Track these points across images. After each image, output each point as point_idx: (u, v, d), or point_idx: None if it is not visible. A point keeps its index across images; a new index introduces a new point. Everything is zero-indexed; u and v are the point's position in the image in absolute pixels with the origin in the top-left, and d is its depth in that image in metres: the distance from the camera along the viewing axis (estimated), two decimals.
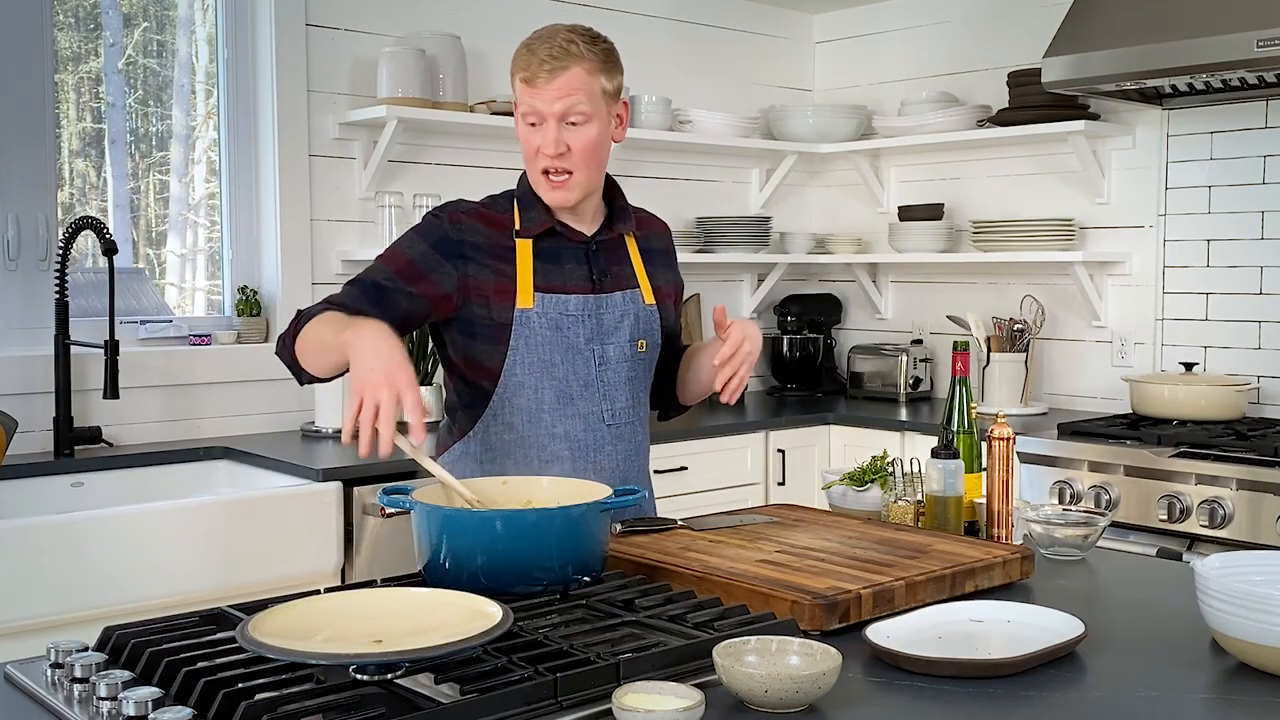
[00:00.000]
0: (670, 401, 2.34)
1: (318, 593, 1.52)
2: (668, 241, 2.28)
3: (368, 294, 2.00)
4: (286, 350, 2.01)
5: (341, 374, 1.93)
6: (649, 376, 2.20)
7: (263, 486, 2.99)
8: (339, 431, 3.39)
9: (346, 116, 3.61)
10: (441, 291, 2.03)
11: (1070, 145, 3.96)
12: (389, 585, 1.64)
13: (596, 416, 2.09)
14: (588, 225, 2.13)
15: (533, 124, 2.02)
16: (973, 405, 2.16)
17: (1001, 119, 4.05)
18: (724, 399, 2.01)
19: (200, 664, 1.34)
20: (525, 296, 2.03)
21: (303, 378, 2.02)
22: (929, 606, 1.62)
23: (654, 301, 2.17)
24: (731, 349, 1.98)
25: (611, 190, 2.18)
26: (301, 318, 1.98)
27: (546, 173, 2.03)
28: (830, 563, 1.74)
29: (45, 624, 2.46)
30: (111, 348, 2.98)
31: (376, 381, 1.68)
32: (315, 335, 1.92)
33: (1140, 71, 3.35)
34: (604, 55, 2.04)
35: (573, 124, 2.00)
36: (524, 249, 2.06)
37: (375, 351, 1.73)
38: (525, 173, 2.12)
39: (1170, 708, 1.34)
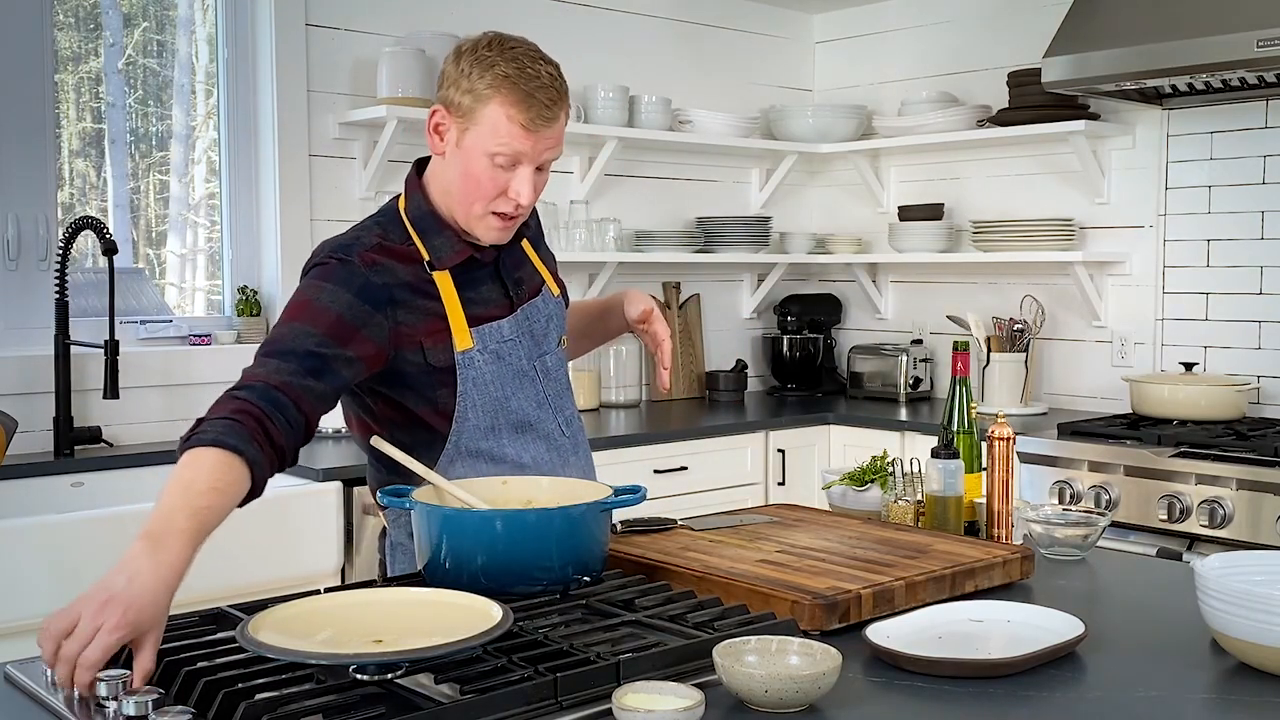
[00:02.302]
0: None
1: (318, 593, 1.51)
2: (538, 219, 2.11)
3: (308, 368, 1.69)
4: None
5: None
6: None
7: None
8: (338, 431, 3.39)
9: (346, 116, 3.61)
10: (375, 348, 1.76)
11: (1070, 145, 3.95)
12: (389, 585, 1.63)
13: (557, 432, 1.97)
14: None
15: (503, 165, 1.78)
16: (973, 405, 2.15)
17: (1001, 119, 4.05)
18: (665, 388, 2.02)
19: (200, 664, 1.33)
20: (462, 337, 1.83)
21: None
22: (929, 606, 1.62)
23: (559, 292, 2.06)
24: (666, 352, 2.02)
25: None
26: (199, 426, 1.59)
27: (501, 215, 1.82)
28: (830, 563, 1.74)
29: None
30: (111, 348, 2.98)
31: (111, 608, 1.33)
32: (174, 481, 1.53)
33: (1140, 71, 3.34)
34: (568, 95, 1.86)
35: (539, 170, 1.82)
36: (445, 282, 1.84)
37: (130, 577, 1.38)
38: (412, 197, 1.88)
39: (1170, 708, 1.34)
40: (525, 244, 2.02)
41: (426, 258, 1.84)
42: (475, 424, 1.87)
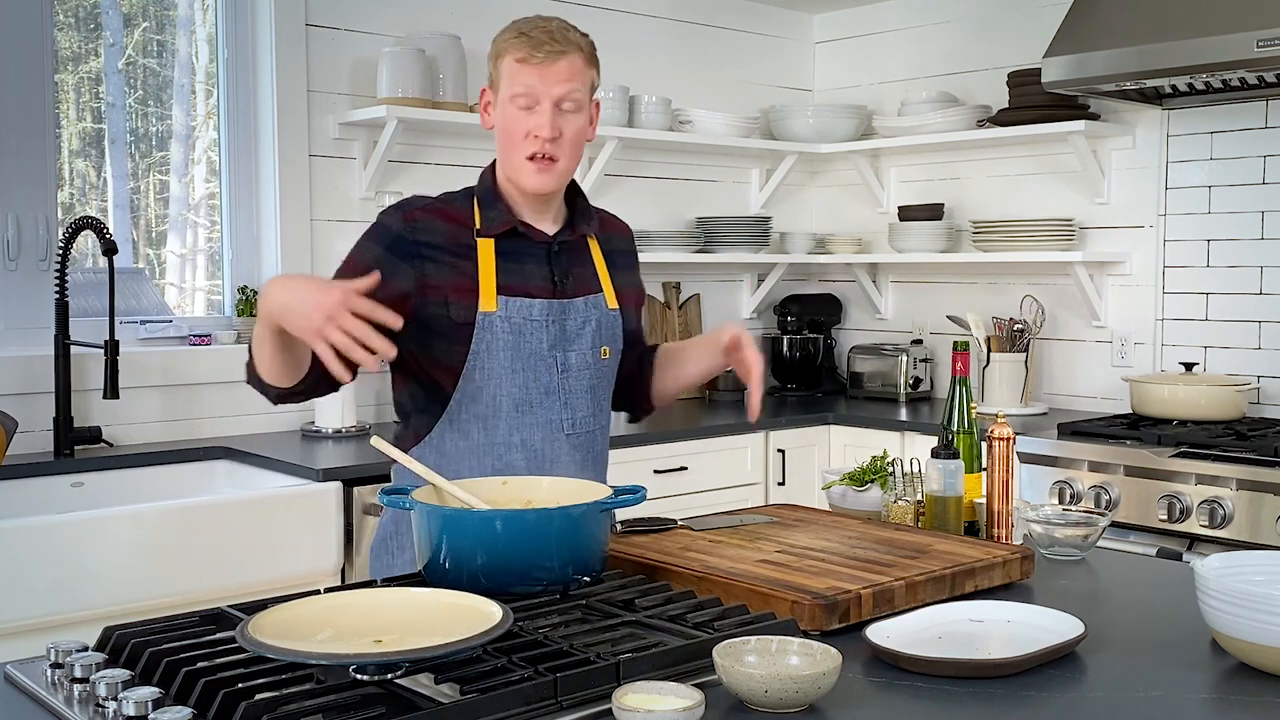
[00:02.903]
0: (640, 403, 2.26)
1: (318, 593, 1.51)
2: (630, 244, 2.24)
3: None
4: (251, 374, 1.91)
5: (305, 380, 1.87)
6: (611, 383, 2.13)
7: (263, 486, 2.99)
8: (339, 431, 3.41)
9: (346, 116, 3.61)
10: (400, 293, 1.92)
11: (1070, 145, 3.95)
12: (389, 585, 1.63)
13: (556, 425, 2.01)
14: (550, 225, 2.05)
15: (524, 107, 1.95)
16: (973, 405, 2.15)
17: (1001, 119, 4.05)
18: (754, 418, 2.04)
19: (200, 664, 1.33)
20: (488, 299, 1.95)
21: (269, 393, 1.91)
22: (929, 606, 1.61)
23: (617, 306, 2.10)
24: (756, 379, 2.02)
25: (572, 190, 2.11)
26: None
27: (533, 158, 1.95)
28: (830, 563, 1.73)
29: (45, 624, 2.45)
30: (111, 348, 2.98)
31: (316, 318, 1.65)
32: (255, 343, 1.85)
33: (1140, 71, 3.34)
34: (592, 49, 2.02)
35: (565, 110, 1.96)
36: (485, 249, 1.98)
37: (289, 292, 1.71)
38: (486, 171, 2.07)
39: (1170, 708, 1.34)
40: (594, 248, 2.11)
41: (477, 225, 1.99)
42: (479, 386, 1.96)
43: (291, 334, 1.73)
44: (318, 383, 1.89)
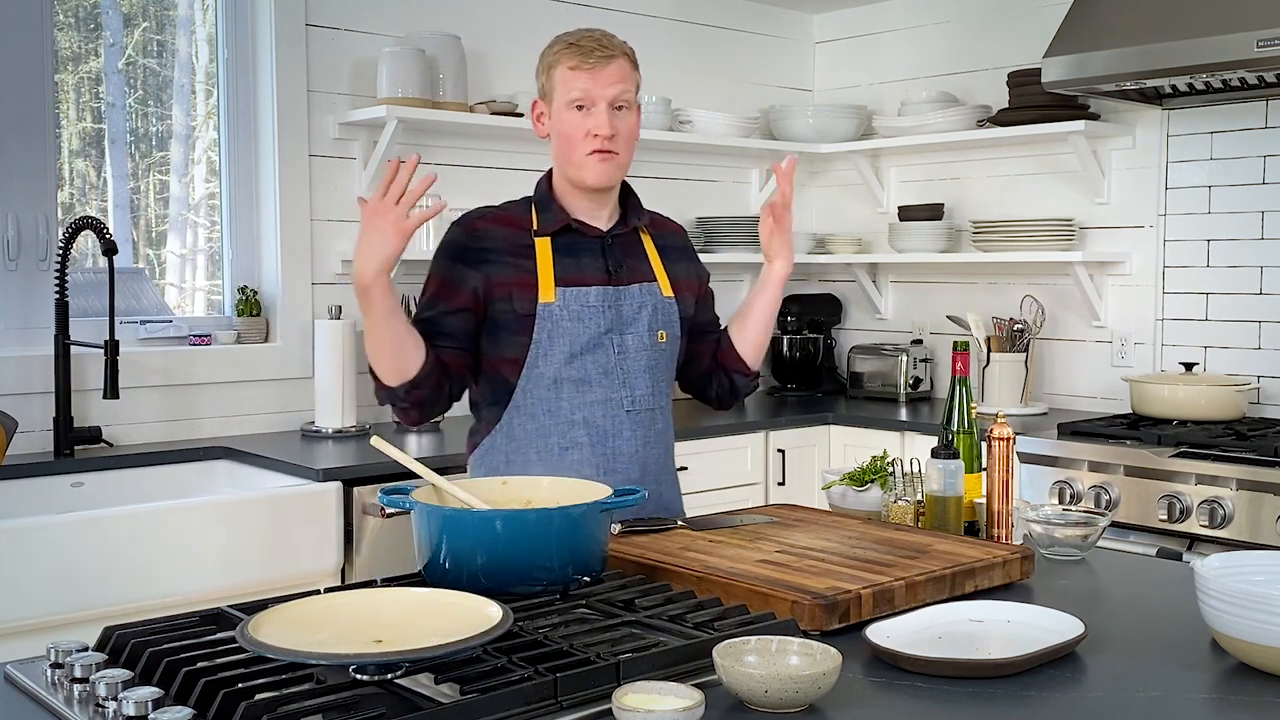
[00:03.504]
0: (737, 372, 2.37)
1: (318, 593, 1.51)
2: (685, 240, 2.39)
3: (424, 331, 2.12)
4: (375, 384, 2.11)
5: (424, 366, 2.07)
6: (671, 367, 2.28)
7: (263, 486, 2.98)
8: (339, 431, 3.41)
9: (346, 116, 3.61)
10: (471, 298, 2.14)
11: (1070, 145, 3.95)
12: (389, 585, 1.64)
13: (615, 402, 2.16)
14: (604, 222, 2.23)
15: (581, 108, 2.12)
16: (973, 405, 2.16)
17: (1001, 119, 4.04)
18: (778, 269, 2.24)
19: (200, 664, 1.33)
20: (547, 291, 2.12)
21: (398, 395, 2.09)
22: (929, 607, 1.62)
23: (672, 294, 2.25)
24: (781, 226, 2.22)
25: (625, 189, 2.29)
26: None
27: (593, 154, 2.12)
28: (830, 563, 1.74)
29: (45, 624, 2.45)
30: (111, 348, 2.97)
31: (379, 227, 1.93)
32: (366, 341, 2.07)
33: (1140, 71, 3.34)
34: (633, 54, 2.20)
35: (619, 109, 2.14)
36: (543, 246, 2.16)
37: (356, 254, 1.97)
38: (542, 179, 2.23)
39: (1170, 708, 1.34)
40: (647, 242, 2.28)
41: (535, 227, 2.17)
42: (541, 372, 2.13)
43: (386, 307, 1.98)
44: (433, 370, 2.09)
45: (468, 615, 1.37)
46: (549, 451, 2.15)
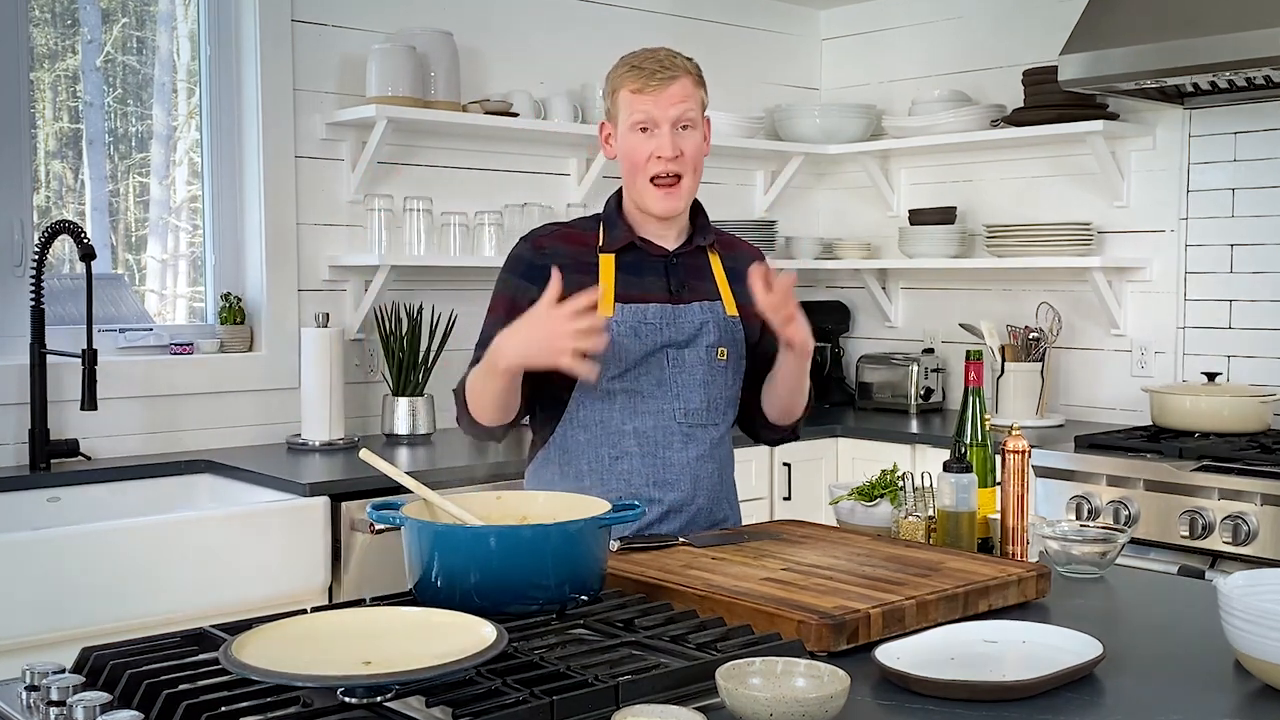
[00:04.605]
0: (762, 421, 2.39)
1: (304, 612, 1.54)
2: (755, 257, 2.38)
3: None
4: (465, 418, 2.19)
5: (517, 415, 2.18)
6: (732, 386, 2.30)
7: (247, 501, 2.98)
8: (326, 444, 3.42)
9: (334, 116, 3.59)
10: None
11: (1088, 146, 3.94)
12: (378, 604, 1.64)
13: (668, 414, 2.21)
14: (671, 241, 2.28)
15: (644, 129, 2.18)
16: (986, 417, 2.17)
17: (1016, 119, 4.03)
18: (788, 336, 2.08)
19: (182, 686, 1.34)
20: (606, 305, 2.18)
21: (496, 433, 2.20)
22: (941, 626, 1.62)
23: (736, 314, 2.28)
24: (776, 290, 2.04)
25: (695, 208, 2.35)
26: (459, 392, 2.21)
27: (656, 180, 2.18)
28: (838, 581, 1.74)
29: (20, 644, 2.44)
30: (89, 357, 2.95)
31: (557, 344, 1.92)
32: (473, 386, 2.14)
33: (1161, 69, 3.34)
34: (698, 70, 2.25)
35: (683, 128, 2.19)
36: (607, 262, 2.23)
37: (520, 341, 1.99)
38: (611, 196, 2.31)
39: None
40: (715, 263, 2.32)
41: (601, 243, 2.25)
42: (594, 385, 2.17)
43: (512, 382, 2.07)
44: (526, 408, 2.20)
45: (460, 635, 1.38)
46: (599, 461, 2.20)
